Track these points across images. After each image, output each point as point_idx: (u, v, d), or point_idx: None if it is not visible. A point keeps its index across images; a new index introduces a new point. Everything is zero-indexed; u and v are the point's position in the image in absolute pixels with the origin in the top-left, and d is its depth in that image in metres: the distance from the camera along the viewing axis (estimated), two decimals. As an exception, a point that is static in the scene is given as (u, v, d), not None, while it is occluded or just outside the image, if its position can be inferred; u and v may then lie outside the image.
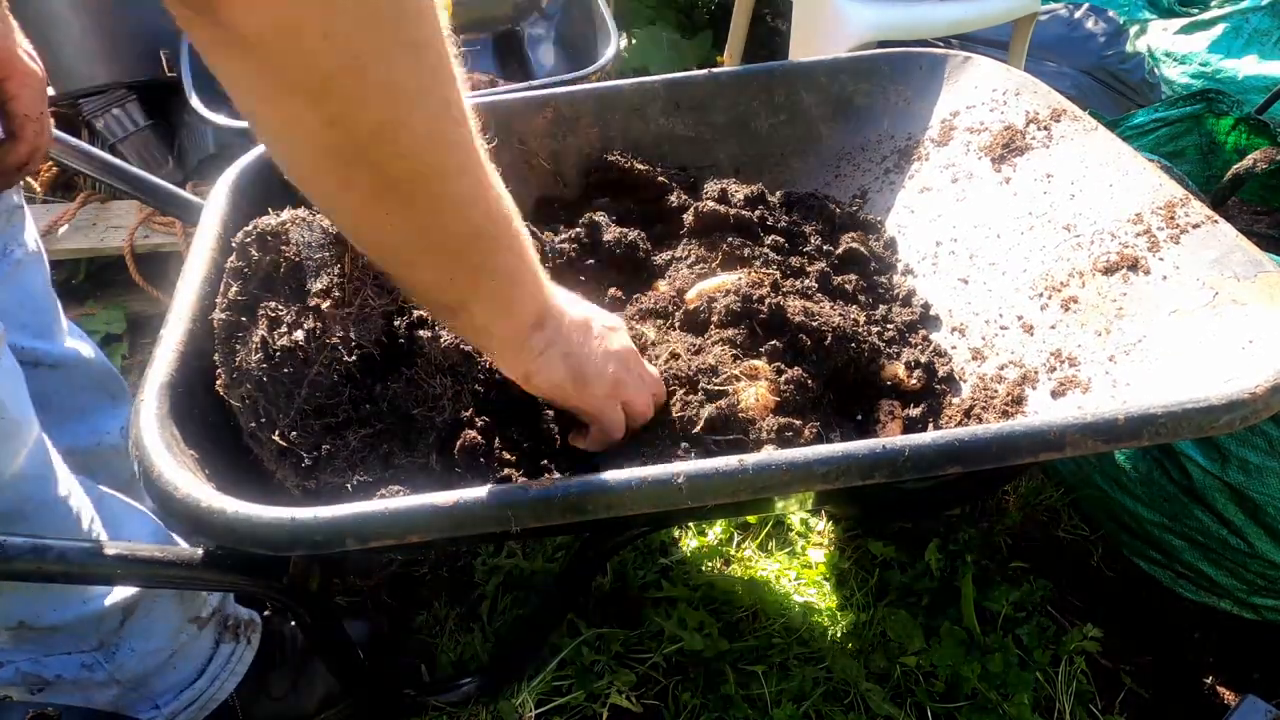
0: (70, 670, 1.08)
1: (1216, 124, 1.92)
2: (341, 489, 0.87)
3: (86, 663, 1.09)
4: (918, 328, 1.21)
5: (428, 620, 1.49)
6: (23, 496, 0.99)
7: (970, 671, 1.37)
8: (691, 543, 1.58)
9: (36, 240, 1.25)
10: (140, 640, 1.11)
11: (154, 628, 1.13)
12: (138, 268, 2.09)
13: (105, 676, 1.10)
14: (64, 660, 1.08)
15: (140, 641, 1.11)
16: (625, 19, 2.95)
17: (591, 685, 1.35)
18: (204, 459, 0.83)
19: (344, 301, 0.96)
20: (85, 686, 1.10)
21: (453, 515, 0.73)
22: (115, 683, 1.11)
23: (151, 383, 0.85)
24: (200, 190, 1.96)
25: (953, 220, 1.29)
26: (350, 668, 1.10)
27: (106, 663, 1.09)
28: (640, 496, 0.75)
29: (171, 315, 0.94)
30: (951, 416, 1.04)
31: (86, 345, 1.32)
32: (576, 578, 1.15)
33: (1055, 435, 0.77)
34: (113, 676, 1.10)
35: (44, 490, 1.02)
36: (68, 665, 1.08)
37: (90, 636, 1.08)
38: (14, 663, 1.06)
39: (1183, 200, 1.04)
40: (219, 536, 0.73)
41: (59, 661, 1.07)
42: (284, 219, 0.98)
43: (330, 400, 0.92)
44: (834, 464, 0.76)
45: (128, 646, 1.10)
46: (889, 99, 1.44)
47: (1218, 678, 1.47)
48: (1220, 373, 0.84)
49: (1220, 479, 1.41)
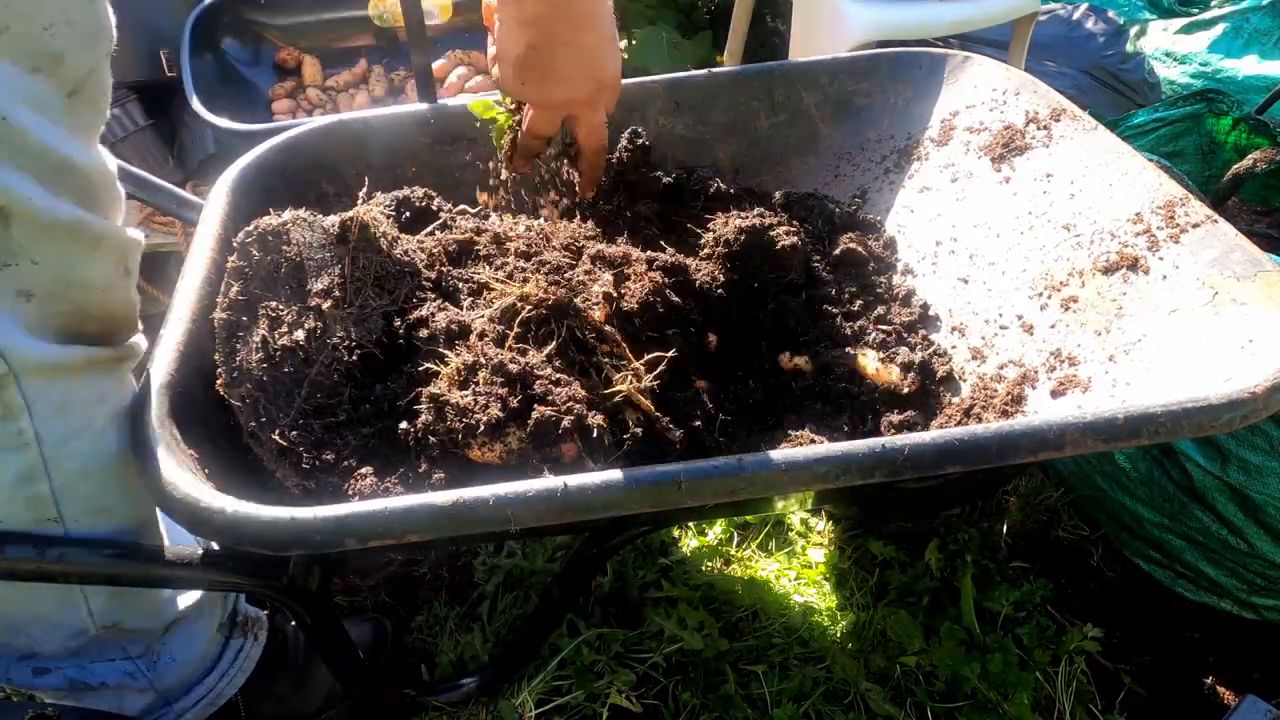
0: (114, 677, 1.08)
1: (1216, 124, 1.92)
2: (341, 488, 0.87)
3: (130, 670, 1.08)
4: (917, 328, 1.21)
5: (428, 620, 1.49)
6: None
7: (970, 671, 1.37)
8: (691, 543, 1.58)
9: None
10: (181, 650, 1.12)
11: (193, 638, 1.13)
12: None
13: (145, 684, 1.10)
14: (108, 667, 1.07)
15: (181, 651, 1.12)
16: (625, 19, 2.95)
17: (591, 685, 1.35)
18: (204, 459, 0.83)
19: (344, 301, 0.96)
20: (124, 692, 1.10)
21: (453, 515, 0.73)
22: (153, 690, 1.11)
23: (152, 382, 0.85)
24: (200, 190, 1.96)
25: (952, 220, 1.29)
26: (351, 668, 1.10)
27: (148, 671, 1.10)
28: (640, 496, 0.75)
29: (172, 315, 0.94)
30: (951, 416, 1.04)
31: None
32: (576, 578, 1.15)
33: (1055, 434, 0.77)
34: (152, 684, 1.10)
35: None
36: (112, 672, 1.08)
37: (141, 642, 1.08)
38: (62, 669, 1.06)
39: (1182, 200, 1.04)
40: (219, 536, 0.73)
41: (104, 668, 1.07)
42: (285, 219, 0.98)
43: (330, 400, 0.92)
44: (834, 464, 0.76)
45: (168, 654, 1.11)
46: (889, 99, 1.44)
47: (1218, 678, 1.46)
48: (1220, 372, 0.84)
49: (1220, 479, 1.41)
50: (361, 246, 1.00)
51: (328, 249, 0.98)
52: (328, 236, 0.99)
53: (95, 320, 0.89)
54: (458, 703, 1.32)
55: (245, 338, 0.91)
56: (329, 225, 0.99)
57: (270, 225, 0.96)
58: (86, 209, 0.83)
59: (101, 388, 0.90)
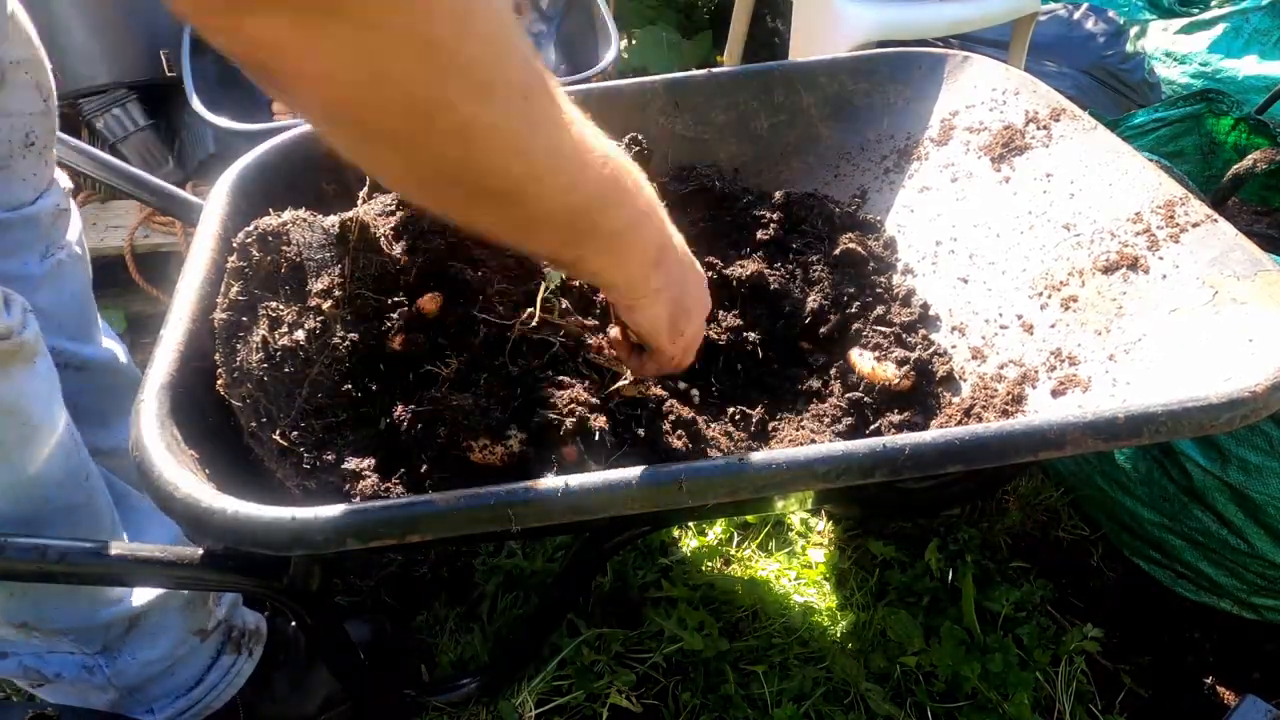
0: (70, 670, 1.08)
1: (1216, 124, 1.92)
2: (342, 489, 0.87)
3: (87, 665, 1.09)
4: (917, 327, 1.21)
5: (428, 620, 1.49)
6: (40, 499, 0.99)
7: (970, 671, 1.37)
8: (691, 543, 1.58)
9: (81, 242, 1.25)
10: (144, 649, 1.11)
11: (158, 638, 1.13)
12: (137, 268, 2.09)
13: (104, 680, 1.10)
14: (65, 659, 1.08)
15: (144, 650, 1.11)
16: (625, 19, 2.95)
17: (591, 685, 1.35)
18: (204, 459, 0.83)
19: (345, 301, 0.96)
20: (83, 688, 1.10)
21: (453, 515, 0.73)
22: (113, 687, 1.11)
23: (152, 383, 0.85)
24: (200, 190, 1.96)
25: (952, 219, 1.29)
26: (351, 668, 1.10)
27: (107, 667, 1.10)
28: (641, 496, 0.75)
29: (172, 315, 0.94)
30: (951, 416, 1.04)
31: (120, 350, 1.31)
32: (576, 578, 1.15)
33: (1055, 434, 0.77)
34: (110, 681, 1.10)
35: (67, 495, 1.01)
36: (68, 665, 1.08)
37: (95, 640, 1.08)
38: (18, 655, 1.06)
39: (1182, 199, 1.04)
40: (219, 536, 0.73)
41: (60, 660, 1.08)
42: (285, 219, 0.98)
43: (331, 400, 0.92)
44: (834, 463, 0.76)
45: (129, 654, 1.11)
46: (888, 99, 1.44)
47: (1218, 678, 1.46)
48: (1220, 371, 0.84)
49: (1220, 479, 1.41)
50: (362, 246, 1.00)
51: (328, 249, 0.98)
52: (328, 237, 0.98)
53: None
54: (458, 703, 1.32)
55: (245, 338, 0.91)
56: (329, 225, 0.99)
57: (270, 225, 0.96)
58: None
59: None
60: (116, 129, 2.16)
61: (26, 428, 0.95)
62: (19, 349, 0.92)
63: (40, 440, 0.97)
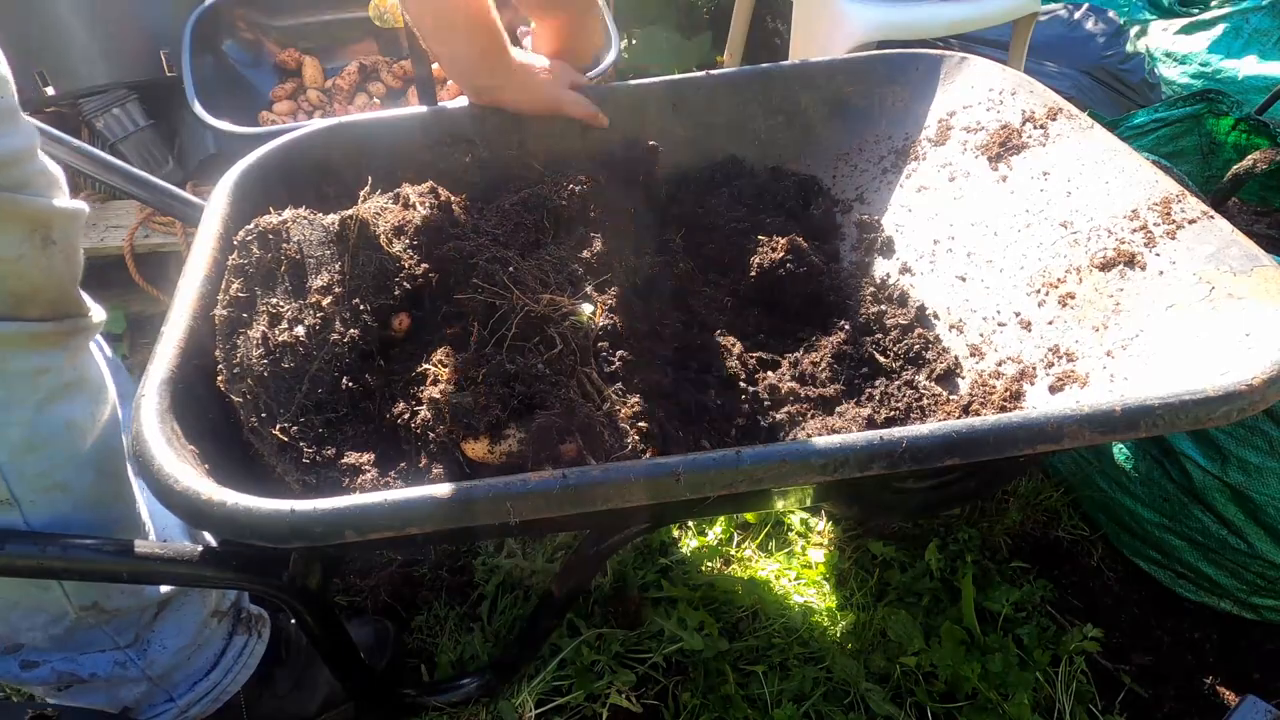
0: (104, 668, 1.08)
1: (1216, 124, 1.92)
2: (341, 484, 0.87)
3: (120, 660, 1.09)
4: (914, 327, 1.21)
5: (428, 620, 1.49)
6: (120, 473, 1.03)
7: (970, 671, 1.37)
8: (691, 543, 1.59)
9: None
10: (171, 636, 1.12)
11: (184, 623, 1.13)
12: (137, 267, 2.09)
13: (138, 673, 1.10)
14: (97, 659, 1.08)
15: (171, 637, 1.12)
16: (625, 19, 2.96)
17: (591, 685, 1.34)
18: (204, 454, 0.83)
19: (344, 298, 0.96)
20: (117, 683, 1.11)
21: (452, 507, 0.73)
22: (146, 679, 1.11)
23: (152, 378, 0.85)
24: (200, 190, 1.96)
25: (950, 219, 1.30)
26: (351, 667, 1.10)
27: (139, 659, 1.10)
28: (638, 488, 0.75)
29: (173, 312, 0.95)
30: (950, 413, 1.04)
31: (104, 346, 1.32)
32: (576, 578, 1.15)
33: (1053, 427, 0.77)
34: (144, 673, 1.11)
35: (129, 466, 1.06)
36: (101, 663, 1.08)
37: (129, 631, 1.09)
38: (49, 662, 1.06)
39: (1179, 196, 1.04)
40: (219, 529, 0.73)
41: (93, 660, 1.08)
42: (285, 217, 0.99)
43: (331, 396, 0.92)
44: (831, 455, 0.76)
45: (159, 642, 1.11)
46: (886, 100, 1.44)
47: (1218, 678, 1.46)
48: (1217, 365, 0.84)
49: (1220, 479, 1.41)
50: (361, 244, 1.00)
51: (327, 246, 0.98)
52: (327, 234, 0.99)
53: (13, 293, 0.88)
54: (458, 703, 1.32)
55: (246, 334, 0.92)
56: (329, 223, 1.00)
57: (270, 223, 0.97)
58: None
59: (45, 360, 0.91)
60: (116, 129, 2.16)
61: (108, 404, 1.00)
62: (90, 327, 0.98)
63: (115, 414, 1.02)
